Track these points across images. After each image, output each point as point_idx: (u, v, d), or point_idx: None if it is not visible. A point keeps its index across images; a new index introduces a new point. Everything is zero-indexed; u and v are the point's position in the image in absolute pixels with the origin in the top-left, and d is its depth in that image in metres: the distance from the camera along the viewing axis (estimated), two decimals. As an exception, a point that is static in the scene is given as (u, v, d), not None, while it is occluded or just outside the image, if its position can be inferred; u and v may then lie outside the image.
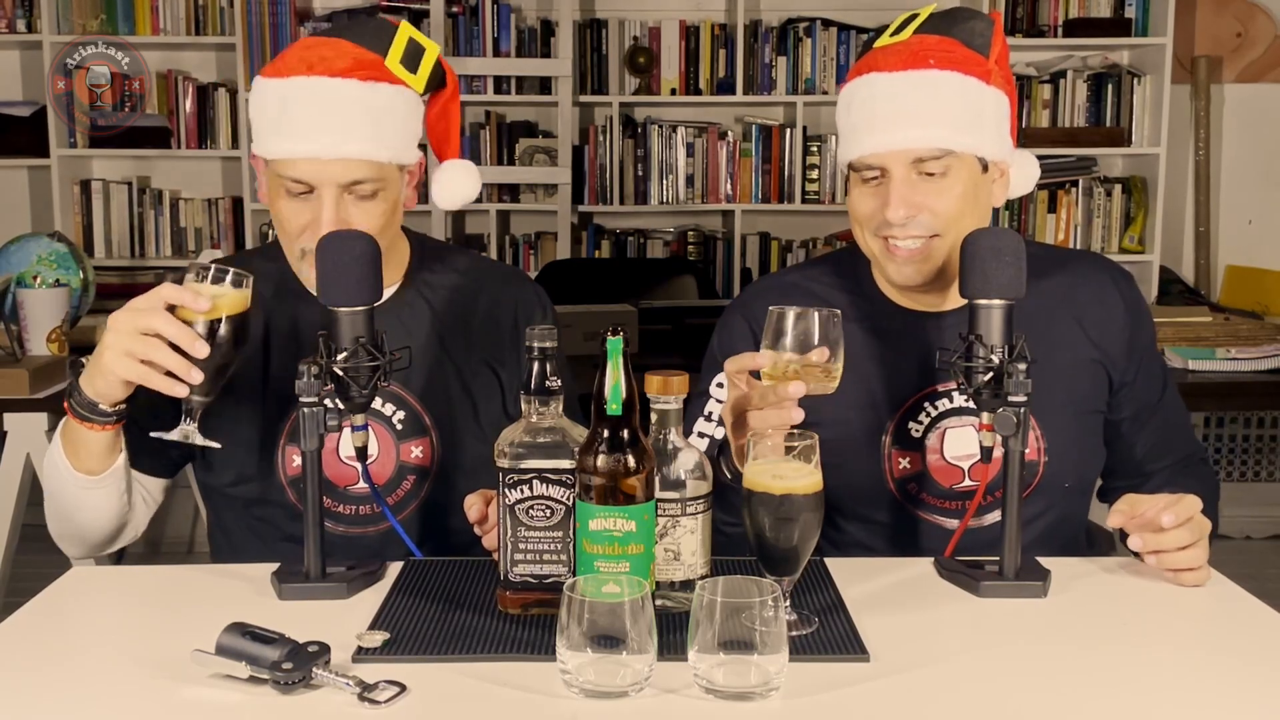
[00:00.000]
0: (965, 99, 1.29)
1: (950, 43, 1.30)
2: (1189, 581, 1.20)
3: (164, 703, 0.96)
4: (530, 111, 3.97)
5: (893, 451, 1.38)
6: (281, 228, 1.36)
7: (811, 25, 3.88)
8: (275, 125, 1.32)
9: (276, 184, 1.33)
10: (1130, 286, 1.45)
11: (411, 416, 1.40)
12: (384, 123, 1.33)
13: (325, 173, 1.30)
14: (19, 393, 2.23)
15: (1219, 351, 2.49)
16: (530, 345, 1.09)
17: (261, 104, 1.34)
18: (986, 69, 1.31)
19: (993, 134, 1.32)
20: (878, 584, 1.22)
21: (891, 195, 1.29)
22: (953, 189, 1.29)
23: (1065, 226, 3.91)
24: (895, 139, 1.29)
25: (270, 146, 1.32)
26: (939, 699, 0.97)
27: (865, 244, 1.37)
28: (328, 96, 1.30)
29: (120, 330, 1.18)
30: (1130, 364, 1.41)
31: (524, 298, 1.50)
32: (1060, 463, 1.37)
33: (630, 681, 0.95)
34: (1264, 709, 0.96)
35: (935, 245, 1.31)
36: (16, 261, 2.54)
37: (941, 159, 1.29)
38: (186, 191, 3.96)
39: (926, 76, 1.28)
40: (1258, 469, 3.93)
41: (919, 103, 1.28)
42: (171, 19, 3.77)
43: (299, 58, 1.33)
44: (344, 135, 1.30)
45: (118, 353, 1.18)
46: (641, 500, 1.05)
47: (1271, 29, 3.92)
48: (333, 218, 1.30)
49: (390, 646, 1.05)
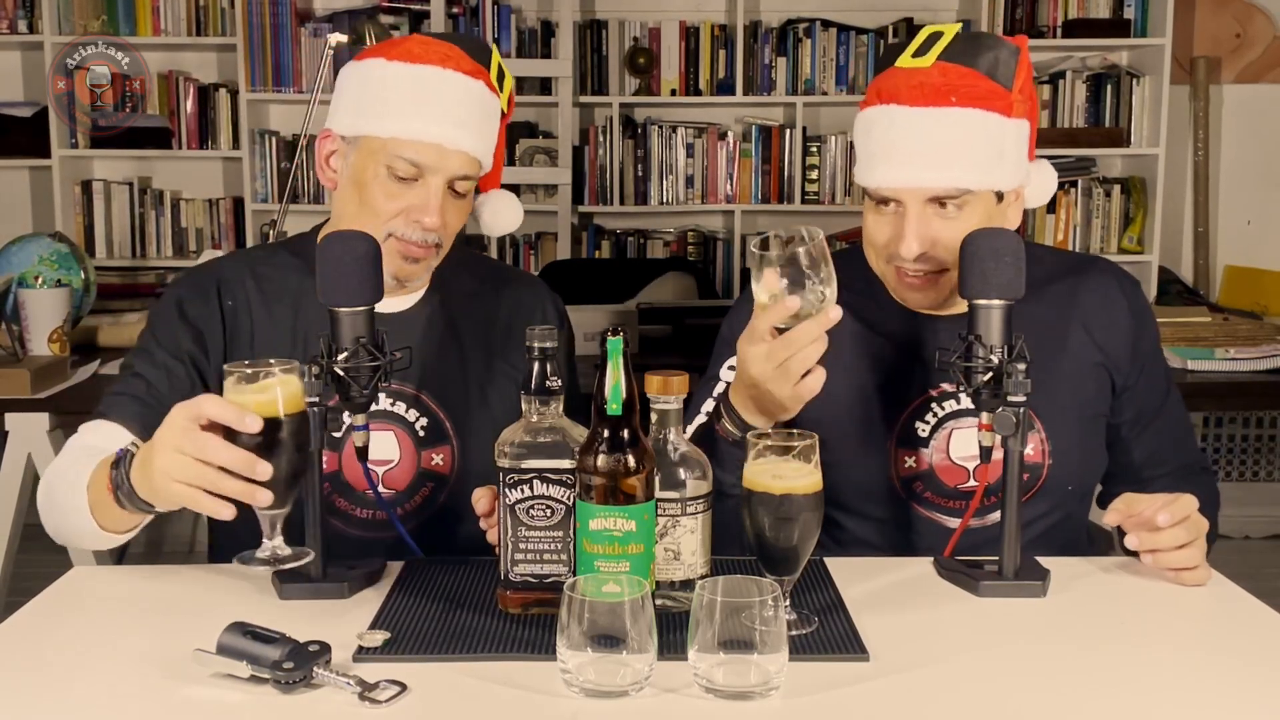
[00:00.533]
0: (986, 136, 1.29)
1: (974, 75, 1.29)
2: (1190, 581, 1.21)
3: (165, 702, 0.96)
4: (530, 112, 3.97)
5: (898, 450, 1.39)
6: (369, 208, 1.33)
7: (811, 26, 3.88)
8: (401, 105, 1.31)
9: (373, 163, 1.32)
10: (1136, 292, 1.46)
11: (434, 423, 1.39)
12: (488, 129, 1.37)
13: (444, 162, 1.32)
14: (20, 393, 2.23)
15: (1218, 352, 2.49)
16: (530, 345, 1.10)
17: (381, 81, 1.32)
18: (1009, 101, 1.30)
19: (1012, 166, 1.32)
20: (877, 584, 1.22)
21: (906, 230, 1.30)
22: (967, 222, 1.29)
23: (1064, 227, 3.91)
24: (913, 176, 1.29)
25: (389, 125, 1.31)
26: (939, 699, 0.97)
27: (879, 268, 1.39)
28: (462, 91, 1.33)
29: (169, 454, 1.06)
30: (1133, 368, 1.42)
31: (542, 305, 1.50)
32: (1064, 465, 1.38)
33: (630, 681, 0.95)
34: (1263, 709, 0.96)
35: (945, 278, 1.32)
36: (18, 262, 2.54)
37: (958, 198, 1.29)
38: (187, 192, 3.97)
39: (948, 115, 1.27)
40: (1256, 469, 3.93)
41: (939, 142, 1.28)
42: (172, 20, 3.77)
43: (423, 48, 1.34)
44: (467, 131, 1.33)
45: (169, 479, 1.06)
46: (641, 500, 1.05)
47: (1270, 30, 3.93)
48: (439, 205, 1.32)
49: (391, 646, 1.05)
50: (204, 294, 1.38)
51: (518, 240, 3.97)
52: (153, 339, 1.38)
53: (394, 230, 1.32)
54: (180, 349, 1.36)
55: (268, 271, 1.41)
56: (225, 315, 1.38)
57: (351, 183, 1.35)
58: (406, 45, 1.35)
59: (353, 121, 1.35)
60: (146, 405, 1.32)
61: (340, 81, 1.39)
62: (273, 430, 1.04)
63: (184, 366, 1.35)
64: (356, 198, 1.34)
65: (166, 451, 1.06)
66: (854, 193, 3.93)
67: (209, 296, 1.38)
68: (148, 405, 1.32)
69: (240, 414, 1.03)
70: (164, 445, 1.07)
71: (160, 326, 1.38)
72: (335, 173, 1.38)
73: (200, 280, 1.41)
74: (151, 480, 1.09)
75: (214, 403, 1.05)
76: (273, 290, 1.39)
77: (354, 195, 1.34)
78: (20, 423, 2.27)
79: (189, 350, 1.36)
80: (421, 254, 1.35)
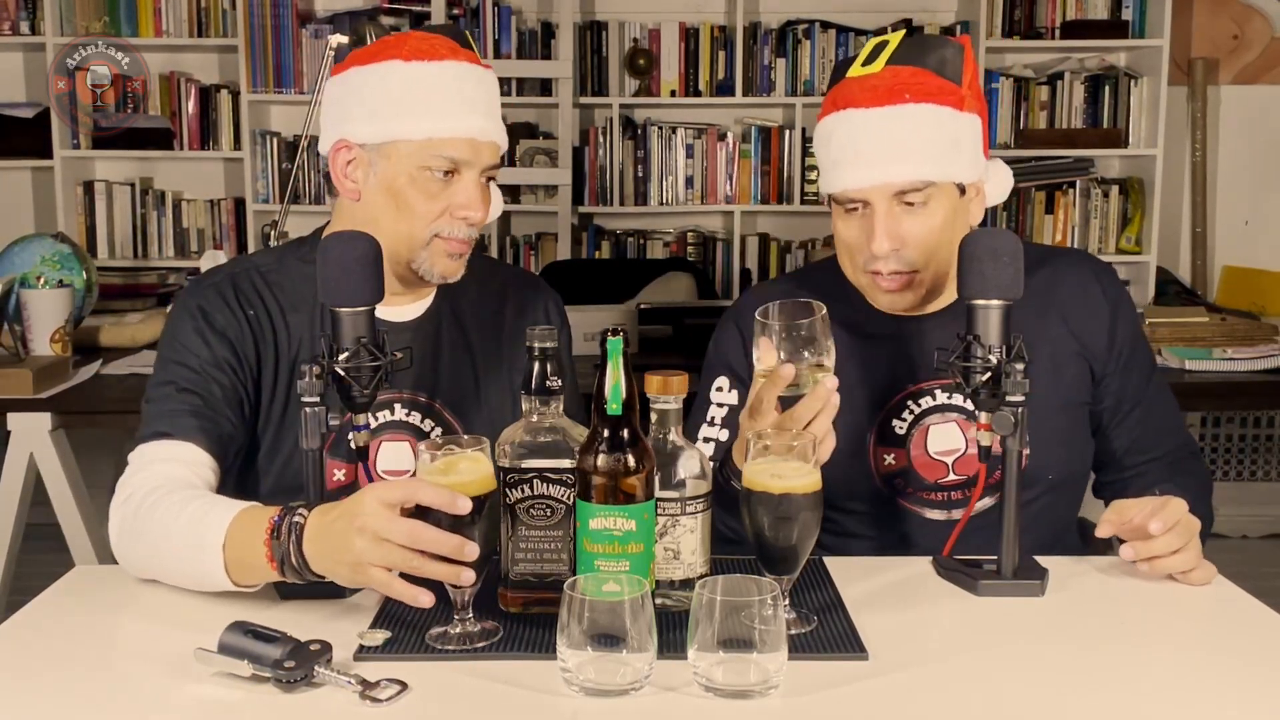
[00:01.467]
0: (941, 130, 1.32)
1: (923, 74, 1.33)
2: (1196, 580, 1.21)
3: (167, 700, 0.97)
4: (531, 113, 3.98)
5: (878, 448, 1.41)
6: (408, 211, 1.30)
7: (810, 27, 3.89)
8: (431, 104, 1.29)
9: (408, 166, 1.30)
10: (1112, 280, 1.47)
11: (448, 432, 1.38)
12: (499, 116, 1.36)
13: (479, 155, 1.32)
14: (23, 393, 2.23)
15: (1215, 351, 2.49)
16: (530, 345, 1.10)
17: (404, 83, 1.30)
18: (960, 96, 1.34)
19: (969, 158, 1.35)
20: (876, 583, 1.23)
21: (876, 228, 1.32)
22: (934, 217, 1.33)
23: (1063, 227, 3.92)
24: (876, 174, 1.32)
25: (425, 125, 1.29)
26: (937, 697, 0.98)
27: (854, 277, 1.41)
28: (481, 83, 1.33)
29: (371, 541, 1.02)
30: (1111, 355, 1.43)
31: (545, 307, 1.50)
32: (1042, 455, 1.39)
33: (630, 680, 0.96)
34: (1260, 707, 0.97)
35: (917, 279, 1.36)
36: (20, 262, 2.55)
37: (922, 190, 1.32)
38: (189, 192, 3.97)
39: (904, 111, 1.31)
40: (1254, 468, 3.94)
41: (898, 138, 1.31)
42: (174, 21, 3.78)
43: (430, 44, 1.32)
44: (493, 120, 1.34)
45: (367, 564, 1.02)
46: (641, 499, 1.06)
47: (1268, 31, 3.93)
48: (480, 198, 1.32)
49: (391, 645, 1.06)
50: (225, 302, 1.34)
51: (518, 240, 3.98)
52: (185, 350, 1.32)
53: (439, 230, 1.31)
54: (217, 358, 1.32)
55: (280, 280, 1.38)
56: (251, 324, 1.34)
57: (383, 190, 1.32)
58: (411, 44, 1.32)
59: (376, 128, 1.30)
60: (207, 419, 1.28)
61: (342, 89, 1.34)
62: (474, 509, 1.04)
63: (226, 375, 1.31)
64: (392, 204, 1.31)
65: (366, 537, 1.02)
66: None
67: (231, 305, 1.34)
68: (208, 418, 1.28)
69: (453, 498, 1.02)
70: (363, 530, 1.02)
71: (189, 337, 1.33)
72: (356, 183, 1.34)
73: (218, 288, 1.36)
74: (341, 562, 1.05)
75: (426, 488, 1.02)
76: (288, 300, 1.37)
77: (388, 202, 1.31)
78: (22, 422, 2.27)
79: (225, 358, 1.32)
80: (467, 249, 1.35)
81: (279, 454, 1.35)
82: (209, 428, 1.28)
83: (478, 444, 1.07)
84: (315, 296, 1.33)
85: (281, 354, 1.35)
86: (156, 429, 1.27)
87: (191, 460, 1.26)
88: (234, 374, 1.32)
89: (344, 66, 1.35)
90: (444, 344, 1.41)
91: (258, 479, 1.36)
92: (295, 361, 1.33)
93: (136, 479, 1.23)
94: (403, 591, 1.03)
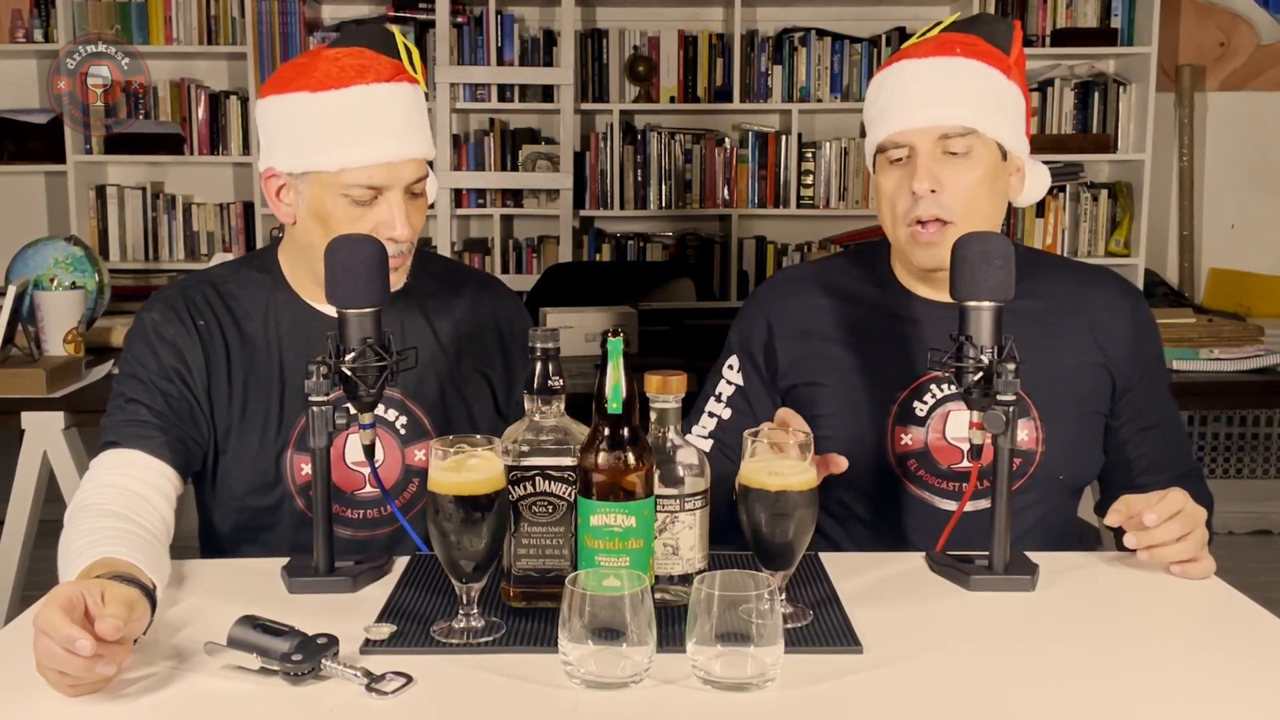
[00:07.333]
0: (988, 85, 1.38)
1: (974, 38, 1.40)
2: (1195, 574, 1.23)
3: (177, 693, 0.98)
4: (533, 119, 4.00)
5: (896, 427, 1.43)
6: (337, 235, 1.31)
7: (806, 35, 3.91)
8: (338, 137, 1.31)
9: (327, 195, 1.33)
10: (1140, 304, 1.51)
11: (413, 421, 1.43)
12: (423, 123, 1.38)
13: (397, 175, 1.34)
14: (36, 392, 2.25)
15: (1203, 352, 2.51)
16: (533, 345, 1.11)
17: (313, 118, 1.31)
18: (1007, 64, 1.40)
19: (1012, 123, 1.40)
20: (870, 578, 1.24)
21: (918, 169, 1.37)
22: (974, 170, 1.37)
23: (1053, 231, 3.94)
24: (921, 116, 1.37)
25: (335, 157, 1.31)
26: (930, 689, 0.99)
27: (893, 233, 1.44)
28: (392, 102, 1.33)
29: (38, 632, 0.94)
30: (1133, 372, 1.46)
31: (503, 303, 1.54)
32: (1057, 456, 1.41)
33: (630, 673, 0.97)
34: (1247, 701, 0.98)
35: (949, 231, 1.37)
36: (34, 265, 2.56)
37: (965, 137, 1.36)
38: (199, 196, 4.00)
39: (952, 63, 1.38)
40: (1239, 466, 3.98)
41: (945, 85, 1.37)
42: (184, 29, 3.81)
43: (339, 68, 1.32)
44: (409, 137, 1.34)
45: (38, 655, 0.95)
46: (641, 496, 1.07)
47: (1253, 39, 3.95)
48: (404, 217, 1.34)
49: (397, 639, 1.07)
50: (176, 315, 1.40)
51: (520, 244, 4.00)
52: (137, 364, 1.38)
53: None
54: (165, 368, 1.37)
55: (234, 290, 1.43)
56: (201, 334, 1.39)
57: (312, 216, 1.35)
58: (321, 68, 1.32)
59: (295, 159, 1.34)
60: (153, 425, 1.34)
61: (265, 116, 1.37)
62: (479, 508, 1.06)
63: (174, 384, 1.37)
64: (322, 228, 1.34)
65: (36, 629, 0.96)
66: (848, 197, 3.96)
67: (181, 317, 1.39)
68: (154, 425, 1.34)
69: (73, 637, 0.92)
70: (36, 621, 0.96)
71: (141, 350, 1.39)
72: (290, 206, 1.38)
73: (169, 302, 1.41)
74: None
75: (61, 625, 0.93)
76: (240, 309, 1.41)
77: (318, 227, 1.34)
78: (36, 421, 2.29)
79: (174, 367, 1.37)
80: (402, 262, 1.38)
81: (245, 456, 1.39)
82: (154, 435, 1.34)
83: (488, 443, 1.09)
84: (268, 300, 1.40)
85: (235, 360, 1.40)
86: (106, 439, 1.35)
87: (138, 464, 1.32)
88: (182, 382, 1.38)
89: (264, 91, 1.37)
90: (411, 337, 1.44)
91: (229, 480, 1.41)
92: (250, 367, 1.39)
93: (79, 494, 1.29)
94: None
